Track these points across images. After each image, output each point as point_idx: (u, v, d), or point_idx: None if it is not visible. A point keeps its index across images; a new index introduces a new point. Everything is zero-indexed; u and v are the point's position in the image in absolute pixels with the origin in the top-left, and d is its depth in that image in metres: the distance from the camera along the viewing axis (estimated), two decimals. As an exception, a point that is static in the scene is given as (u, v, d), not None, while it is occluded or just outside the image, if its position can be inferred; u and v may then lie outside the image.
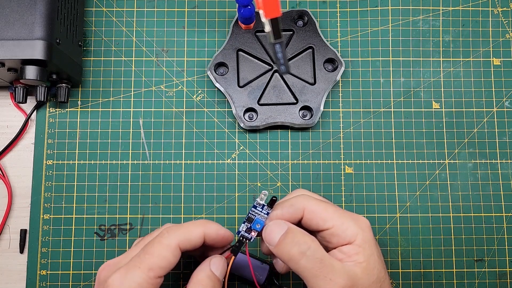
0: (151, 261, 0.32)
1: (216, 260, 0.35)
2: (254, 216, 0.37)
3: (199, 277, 0.34)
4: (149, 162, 0.48)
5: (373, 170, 0.48)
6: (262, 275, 0.43)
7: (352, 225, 0.35)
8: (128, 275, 0.32)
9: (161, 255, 0.33)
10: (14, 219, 0.47)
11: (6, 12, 0.41)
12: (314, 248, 0.33)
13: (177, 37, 0.50)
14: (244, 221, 0.37)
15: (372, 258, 0.35)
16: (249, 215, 0.37)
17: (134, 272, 0.32)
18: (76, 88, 0.49)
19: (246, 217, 0.37)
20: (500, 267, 0.47)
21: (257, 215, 0.37)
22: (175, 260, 0.34)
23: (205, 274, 0.34)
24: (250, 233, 0.36)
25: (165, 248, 0.33)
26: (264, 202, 0.37)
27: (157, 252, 0.33)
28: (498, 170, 0.49)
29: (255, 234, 0.36)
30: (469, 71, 0.50)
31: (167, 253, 0.33)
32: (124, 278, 0.32)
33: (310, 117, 0.47)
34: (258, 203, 0.37)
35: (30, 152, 0.48)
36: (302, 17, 0.49)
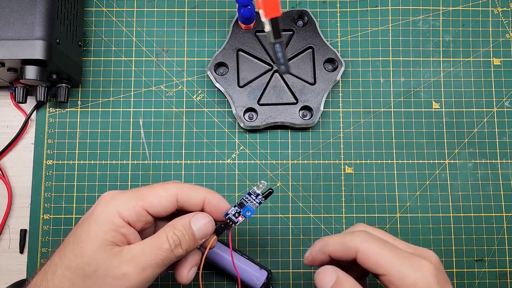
0: (146, 194, 0.33)
1: (198, 216, 0.34)
2: (246, 202, 0.37)
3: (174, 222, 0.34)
4: (149, 162, 0.48)
5: (373, 170, 0.48)
6: (259, 280, 0.43)
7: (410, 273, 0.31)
8: (121, 194, 0.33)
9: (158, 194, 0.33)
10: (14, 219, 0.47)
11: (6, 12, 0.41)
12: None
13: (177, 37, 0.50)
14: (235, 205, 0.36)
15: None
16: (241, 200, 0.37)
17: (127, 194, 0.33)
18: (76, 88, 0.49)
19: (238, 202, 0.37)
20: (500, 267, 0.47)
21: (250, 202, 0.36)
22: (168, 206, 0.34)
23: (181, 222, 0.34)
24: (238, 217, 0.36)
25: (164, 190, 0.34)
26: (260, 191, 0.37)
27: (155, 190, 0.34)
28: (498, 170, 0.49)
29: (241, 219, 0.36)
30: (469, 71, 0.50)
31: (164, 194, 0.33)
32: (117, 195, 0.33)
33: (310, 117, 0.47)
34: (254, 191, 0.37)
35: (30, 152, 0.48)
36: (302, 17, 0.49)
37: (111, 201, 0.33)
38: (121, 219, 0.32)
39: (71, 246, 0.32)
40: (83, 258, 0.31)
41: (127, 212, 0.32)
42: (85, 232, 0.32)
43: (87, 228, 0.32)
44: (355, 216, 0.47)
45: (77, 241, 0.32)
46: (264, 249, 0.46)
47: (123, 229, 0.32)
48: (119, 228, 0.32)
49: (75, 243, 0.32)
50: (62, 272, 0.31)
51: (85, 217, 0.33)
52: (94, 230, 0.32)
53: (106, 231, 0.31)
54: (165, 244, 0.32)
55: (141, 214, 0.33)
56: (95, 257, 0.31)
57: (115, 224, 0.32)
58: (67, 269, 0.31)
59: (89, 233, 0.32)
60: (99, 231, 0.32)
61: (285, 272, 0.46)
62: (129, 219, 0.32)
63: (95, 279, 0.30)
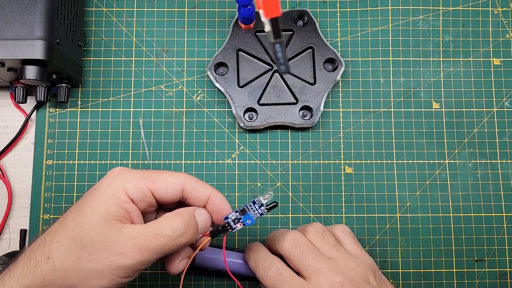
0: (155, 176, 0.33)
1: (201, 210, 0.35)
2: (248, 210, 0.36)
3: (180, 211, 0.34)
4: (149, 162, 0.48)
5: (373, 170, 0.48)
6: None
7: None
8: (130, 171, 0.33)
9: (166, 179, 0.33)
10: (14, 219, 0.47)
11: (6, 12, 0.41)
12: None
13: (177, 37, 0.50)
14: (236, 211, 0.36)
15: None
16: (244, 207, 0.36)
17: (136, 173, 0.33)
18: (76, 88, 0.49)
19: (241, 208, 0.36)
20: (500, 267, 0.47)
21: (252, 211, 0.36)
22: (173, 193, 0.34)
23: (187, 212, 0.34)
24: (236, 224, 0.36)
25: (173, 177, 0.34)
26: (265, 202, 0.36)
27: (164, 175, 0.34)
28: (498, 170, 0.48)
29: (240, 227, 0.36)
30: (469, 71, 0.50)
31: (172, 181, 0.33)
32: (125, 171, 0.33)
33: (310, 117, 0.47)
34: (260, 200, 0.36)
35: (30, 152, 0.48)
36: (302, 17, 0.49)
37: (118, 176, 0.33)
38: (125, 195, 0.32)
39: (73, 215, 0.32)
40: (83, 229, 0.31)
41: (133, 189, 0.32)
42: (88, 203, 0.32)
43: (91, 199, 0.32)
44: (355, 216, 0.47)
45: (79, 211, 0.32)
46: (264, 249, 0.46)
47: (126, 204, 0.32)
48: (123, 203, 0.32)
49: (77, 213, 0.32)
50: (60, 239, 0.31)
51: (91, 189, 0.33)
52: (98, 202, 0.32)
53: (110, 204, 0.31)
54: (168, 231, 0.32)
55: (146, 194, 0.33)
56: (94, 229, 0.31)
57: (119, 199, 0.32)
58: (65, 237, 0.31)
59: (92, 204, 0.32)
60: (103, 203, 0.31)
61: (285, 272, 0.46)
62: (134, 197, 0.32)
63: (90, 251, 0.30)
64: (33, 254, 0.32)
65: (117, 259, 0.30)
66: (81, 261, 0.30)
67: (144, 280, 0.46)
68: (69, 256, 0.31)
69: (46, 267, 0.31)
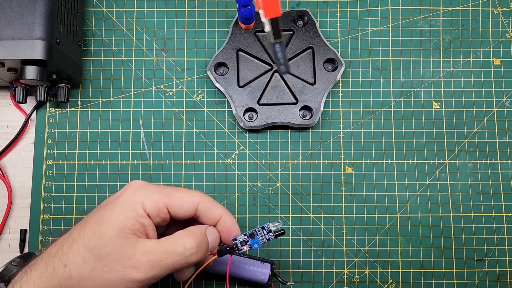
0: (172, 193, 0.35)
1: (212, 229, 0.36)
2: (256, 234, 0.38)
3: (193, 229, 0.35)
4: (149, 162, 0.48)
5: (373, 170, 0.48)
6: (264, 275, 0.43)
7: None
8: (149, 187, 0.35)
9: (182, 197, 0.35)
10: (14, 219, 0.47)
11: (6, 12, 0.41)
12: None
13: (177, 37, 0.50)
14: (245, 234, 0.37)
15: None
16: (253, 231, 0.38)
17: (154, 188, 0.35)
18: (76, 88, 0.49)
19: (250, 232, 0.38)
20: (500, 267, 0.47)
21: (260, 236, 0.38)
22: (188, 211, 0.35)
23: (199, 231, 0.35)
24: (243, 246, 0.37)
25: (189, 195, 0.36)
26: (274, 229, 0.38)
27: (181, 193, 0.35)
28: (498, 170, 0.49)
29: (246, 249, 0.37)
30: (469, 71, 0.50)
31: (187, 199, 0.35)
32: (144, 186, 0.35)
33: (310, 117, 0.47)
34: (269, 227, 0.38)
35: (30, 152, 0.48)
36: (302, 17, 0.49)
37: (138, 191, 0.35)
38: (143, 210, 0.34)
39: (92, 226, 0.33)
40: (101, 240, 0.32)
41: (151, 205, 0.34)
42: (107, 215, 0.33)
43: (110, 212, 0.33)
44: (355, 216, 0.47)
45: (98, 222, 0.33)
46: (264, 249, 0.46)
47: (143, 219, 0.33)
48: (139, 218, 0.33)
49: (96, 223, 0.33)
50: (78, 248, 0.33)
51: (110, 200, 0.35)
52: (116, 215, 0.33)
53: (127, 218, 0.33)
54: (180, 249, 0.33)
55: (162, 210, 0.34)
56: (111, 242, 0.32)
57: (136, 213, 0.33)
58: (83, 247, 0.33)
59: (111, 217, 0.33)
60: (121, 216, 0.33)
61: (285, 272, 0.46)
62: (151, 212, 0.34)
63: (106, 262, 0.32)
64: (51, 260, 0.33)
65: (131, 272, 0.32)
66: (96, 271, 0.32)
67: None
68: (85, 266, 0.32)
69: (63, 274, 0.32)
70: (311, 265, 0.46)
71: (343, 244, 0.47)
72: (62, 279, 0.32)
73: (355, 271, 0.46)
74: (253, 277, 0.43)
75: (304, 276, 0.46)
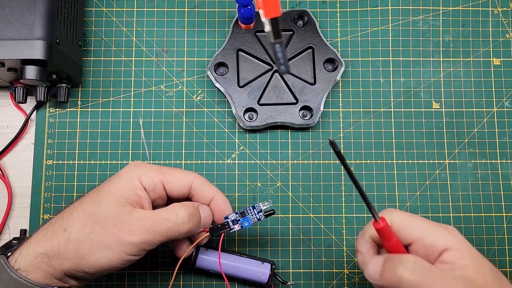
0: (168, 171, 0.37)
1: (204, 206, 0.38)
2: (247, 213, 0.39)
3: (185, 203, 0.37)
4: (149, 162, 0.48)
5: (373, 170, 0.48)
6: (264, 275, 0.43)
7: (443, 231, 0.33)
8: (146, 165, 0.38)
9: (177, 175, 0.38)
10: (14, 219, 0.47)
11: (6, 12, 0.41)
12: (419, 261, 0.32)
13: (177, 37, 0.50)
14: (236, 212, 0.39)
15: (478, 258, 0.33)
16: (244, 210, 0.39)
17: (151, 166, 0.38)
18: (76, 88, 0.49)
19: (241, 211, 0.39)
20: (500, 267, 0.47)
21: (250, 214, 0.39)
22: (182, 189, 0.38)
23: (192, 204, 0.37)
24: (234, 225, 0.39)
25: (183, 174, 0.38)
26: (264, 208, 0.39)
27: (176, 171, 0.38)
28: (498, 170, 0.49)
29: (237, 228, 0.39)
30: (469, 71, 0.50)
31: (182, 178, 0.38)
32: (142, 164, 0.38)
33: (310, 117, 0.47)
34: (259, 207, 0.39)
35: (30, 152, 0.48)
36: (302, 17, 0.49)
37: (136, 167, 0.37)
38: (140, 183, 0.36)
39: (91, 195, 0.36)
40: (100, 206, 0.35)
41: (147, 179, 0.36)
42: (106, 187, 0.36)
43: (109, 184, 0.36)
44: (355, 216, 0.47)
45: (97, 193, 0.36)
46: (264, 249, 0.46)
47: (140, 191, 0.36)
48: (136, 190, 0.36)
49: (95, 194, 0.36)
50: (78, 214, 0.35)
51: (111, 177, 0.38)
52: (115, 186, 0.36)
53: (125, 189, 0.36)
54: (173, 217, 0.35)
55: (158, 186, 0.37)
56: (109, 208, 0.35)
57: (134, 185, 0.36)
58: (82, 213, 0.35)
59: (110, 188, 0.36)
60: (119, 188, 0.36)
61: (285, 272, 0.46)
62: (147, 186, 0.36)
63: (103, 226, 0.34)
64: (51, 227, 0.36)
65: (126, 235, 0.34)
66: (93, 234, 0.34)
67: (144, 280, 0.46)
68: (84, 229, 0.34)
69: (62, 236, 0.35)
70: (311, 265, 0.46)
71: (343, 244, 0.47)
72: (61, 241, 0.34)
73: (355, 271, 0.46)
74: (253, 277, 0.43)
75: (304, 276, 0.46)
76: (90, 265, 0.34)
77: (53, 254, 0.34)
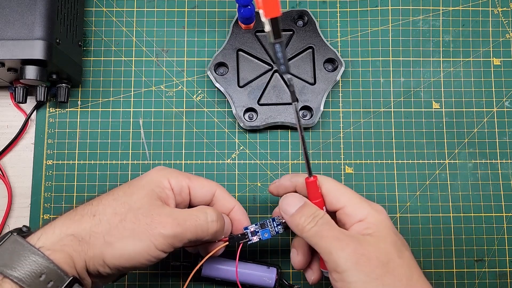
0: (193, 177, 0.38)
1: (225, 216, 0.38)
2: (267, 225, 0.39)
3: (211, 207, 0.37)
4: (149, 162, 0.48)
5: (373, 170, 0.48)
6: (270, 279, 0.43)
7: (366, 206, 0.35)
8: (174, 169, 0.38)
9: (202, 182, 0.38)
10: (14, 219, 0.47)
11: (6, 12, 0.41)
12: (326, 217, 0.35)
13: (177, 37, 0.50)
14: (256, 224, 0.38)
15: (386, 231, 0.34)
16: (264, 221, 0.38)
17: (178, 170, 0.38)
18: (76, 88, 0.49)
19: (261, 222, 0.38)
20: (500, 267, 0.47)
21: (270, 227, 0.39)
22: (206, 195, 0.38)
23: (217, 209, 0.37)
24: (253, 236, 0.38)
25: (208, 182, 0.38)
26: (283, 222, 0.38)
27: (201, 179, 0.38)
28: (498, 170, 0.49)
29: (255, 240, 0.38)
30: (469, 71, 0.50)
31: (207, 185, 0.38)
32: (169, 168, 0.38)
33: (310, 117, 0.47)
34: (279, 219, 0.39)
35: (30, 152, 0.48)
36: (302, 17, 0.49)
37: (164, 169, 0.37)
38: (168, 183, 0.36)
39: (122, 188, 0.36)
40: (132, 197, 0.35)
41: (175, 181, 0.36)
42: (136, 182, 0.36)
43: (138, 181, 0.36)
44: (355, 216, 0.47)
45: (128, 185, 0.36)
46: (265, 249, 0.46)
47: (168, 191, 0.36)
48: (165, 189, 0.36)
49: (126, 187, 0.36)
50: (108, 202, 0.34)
51: (137, 178, 0.37)
52: (145, 182, 0.36)
53: (155, 185, 0.36)
54: (203, 215, 0.35)
55: (184, 190, 0.37)
56: (141, 200, 0.34)
57: (163, 184, 0.36)
58: (114, 201, 0.34)
59: (140, 183, 0.36)
60: (150, 184, 0.36)
61: (286, 272, 0.46)
62: (175, 188, 0.36)
63: (135, 214, 0.33)
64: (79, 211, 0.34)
65: (157, 226, 0.33)
66: (126, 222, 0.33)
67: (144, 280, 0.46)
68: (115, 216, 0.34)
69: (92, 221, 0.33)
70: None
71: (343, 244, 0.47)
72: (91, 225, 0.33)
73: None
74: (260, 282, 0.43)
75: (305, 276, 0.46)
76: (114, 255, 0.32)
77: (81, 237, 0.33)
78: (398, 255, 0.33)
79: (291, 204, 0.36)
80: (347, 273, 0.32)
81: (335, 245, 0.33)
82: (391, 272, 0.32)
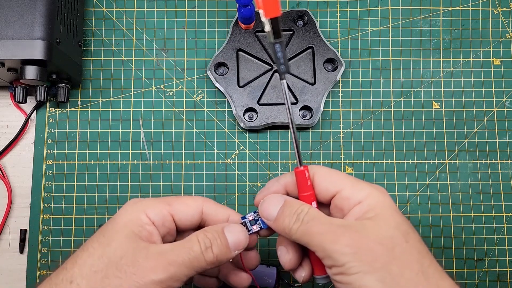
0: (174, 200, 0.33)
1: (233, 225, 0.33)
2: None
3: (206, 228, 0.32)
4: (149, 162, 0.48)
5: (373, 170, 0.48)
6: (271, 279, 0.43)
7: (365, 186, 0.31)
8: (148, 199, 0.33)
9: (185, 202, 0.33)
10: (14, 219, 0.47)
11: (6, 12, 0.41)
12: (311, 211, 0.30)
13: (177, 37, 0.50)
14: (254, 211, 0.34)
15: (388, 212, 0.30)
16: None
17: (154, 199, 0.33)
18: (76, 88, 0.49)
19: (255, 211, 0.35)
20: (500, 267, 0.47)
21: None
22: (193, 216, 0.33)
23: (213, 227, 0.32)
24: (253, 225, 0.34)
25: (192, 200, 0.34)
26: None
27: (183, 199, 0.34)
28: (498, 170, 0.49)
29: (256, 229, 0.34)
30: (469, 71, 0.50)
31: (191, 204, 0.33)
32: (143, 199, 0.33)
33: (310, 117, 0.47)
34: None
35: (30, 152, 0.48)
36: (302, 17, 0.49)
37: (137, 203, 0.32)
38: (147, 217, 0.31)
39: (96, 238, 0.31)
40: (110, 246, 0.30)
41: (154, 213, 0.32)
42: (111, 227, 0.31)
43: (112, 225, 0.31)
44: (355, 216, 0.47)
45: (103, 233, 0.31)
46: (265, 249, 0.46)
47: (149, 226, 0.31)
48: (145, 225, 0.31)
49: (101, 235, 0.31)
50: (84, 260, 0.30)
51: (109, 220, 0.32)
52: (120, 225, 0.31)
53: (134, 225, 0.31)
54: (195, 245, 0.30)
55: (167, 219, 0.32)
56: (122, 246, 0.30)
57: (141, 220, 0.31)
58: (90, 257, 0.30)
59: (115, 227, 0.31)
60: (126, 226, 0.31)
61: (285, 272, 0.46)
62: (155, 220, 0.32)
63: (119, 267, 0.29)
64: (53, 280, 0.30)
65: (148, 274, 0.29)
66: (109, 278, 0.28)
67: None
68: (95, 275, 0.29)
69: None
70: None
71: (343, 244, 0.47)
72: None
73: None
74: (260, 282, 0.43)
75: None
76: None
77: None
78: (404, 238, 0.29)
79: (271, 207, 0.32)
80: (346, 265, 0.28)
81: (327, 238, 0.29)
82: (398, 259, 0.28)
